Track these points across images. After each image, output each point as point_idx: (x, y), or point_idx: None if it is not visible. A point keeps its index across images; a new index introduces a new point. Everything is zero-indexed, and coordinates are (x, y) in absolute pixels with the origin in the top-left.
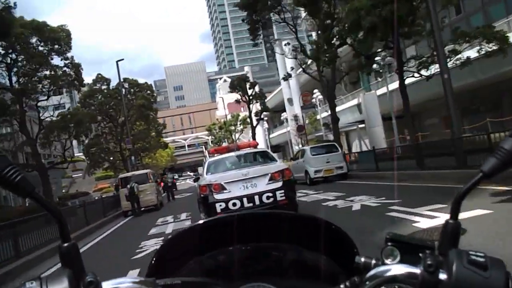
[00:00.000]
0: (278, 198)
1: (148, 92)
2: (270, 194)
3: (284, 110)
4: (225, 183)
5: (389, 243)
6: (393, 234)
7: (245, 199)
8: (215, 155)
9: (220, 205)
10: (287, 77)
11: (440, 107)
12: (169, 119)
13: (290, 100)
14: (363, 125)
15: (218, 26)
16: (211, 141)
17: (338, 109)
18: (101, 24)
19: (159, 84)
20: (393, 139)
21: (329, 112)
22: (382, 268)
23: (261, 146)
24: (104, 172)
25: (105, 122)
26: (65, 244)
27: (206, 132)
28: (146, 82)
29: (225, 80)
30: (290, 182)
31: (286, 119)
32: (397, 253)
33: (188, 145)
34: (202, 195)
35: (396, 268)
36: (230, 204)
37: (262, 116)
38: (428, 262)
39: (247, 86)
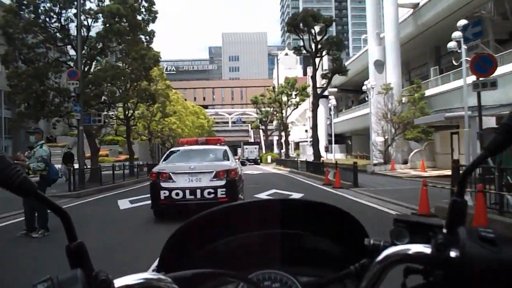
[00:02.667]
0: (219, 195)
1: (144, 4)
2: (212, 191)
3: (361, 91)
4: (172, 173)
5: (397, 224)
6: (401, 215)
7: (187, 191)
8: (185, 145)
9: (164, 193)
10: None
11: None
12: (218, 90)
13: (379, 64)
14: None
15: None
16: (258, 119)
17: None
18: None
19: (214, 52)
20: None
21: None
22: (392, 249)
23: (322, 132)
24: (111, 135)
25: (49, 42)
26: (73, 244)
27: (255, 110)
28: None
29: (286, 54)
30: (233, 182)
31: (367, 95)
32: (406, 233)
33: (232, 122)
34: (151, 181)
35: (406, 248)
36: (173, 194)
37: (328, 91)
38: (438, 240)
39: (317, 27)
